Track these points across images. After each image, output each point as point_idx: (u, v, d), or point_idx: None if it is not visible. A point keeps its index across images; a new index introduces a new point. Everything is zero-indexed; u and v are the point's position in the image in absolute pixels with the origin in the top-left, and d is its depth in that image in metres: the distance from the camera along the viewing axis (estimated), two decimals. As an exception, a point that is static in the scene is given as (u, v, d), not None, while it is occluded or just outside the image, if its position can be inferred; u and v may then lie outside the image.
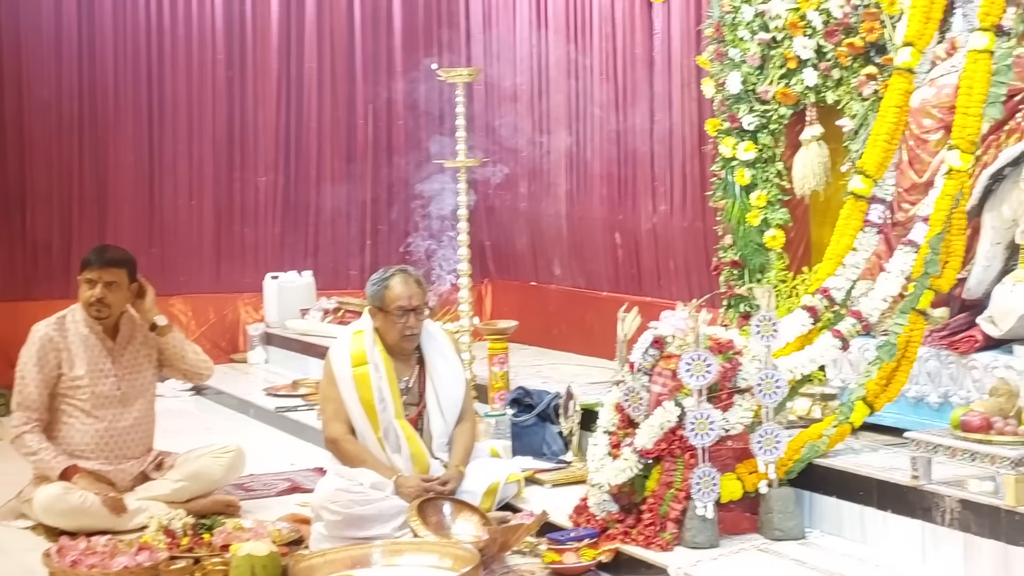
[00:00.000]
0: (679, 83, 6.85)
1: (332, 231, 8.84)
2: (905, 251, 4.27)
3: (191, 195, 8.50)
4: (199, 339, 8.43)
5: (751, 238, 5.89)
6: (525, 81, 8.35)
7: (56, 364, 4.78)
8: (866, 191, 4.47)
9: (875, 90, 5.05)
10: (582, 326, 7.67)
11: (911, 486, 3.75)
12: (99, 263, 4.81)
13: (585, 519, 4.20)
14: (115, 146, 8.26)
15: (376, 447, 4.52)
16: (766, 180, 5.83)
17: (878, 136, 4.47)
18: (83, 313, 4.84)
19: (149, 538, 4.27)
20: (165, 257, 8.42)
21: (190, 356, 4.99)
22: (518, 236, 8.58)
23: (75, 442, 4.78)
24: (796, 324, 4.38)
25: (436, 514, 4.29)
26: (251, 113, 8.63)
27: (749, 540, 4.02)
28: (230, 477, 5.04)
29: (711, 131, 6.00)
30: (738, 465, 4.11)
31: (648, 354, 4.20)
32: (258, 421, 6.98)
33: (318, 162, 8.80)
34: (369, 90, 8.85)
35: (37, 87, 8.02)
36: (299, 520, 4.65)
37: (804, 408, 4.66)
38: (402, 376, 4.62)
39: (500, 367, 5.47)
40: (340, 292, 8.54)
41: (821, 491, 4.09)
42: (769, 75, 5.71)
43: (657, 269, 7.18)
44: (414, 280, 4.61)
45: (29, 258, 8.05)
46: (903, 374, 4.20)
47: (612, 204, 7.54)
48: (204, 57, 8.49)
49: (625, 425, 4.21)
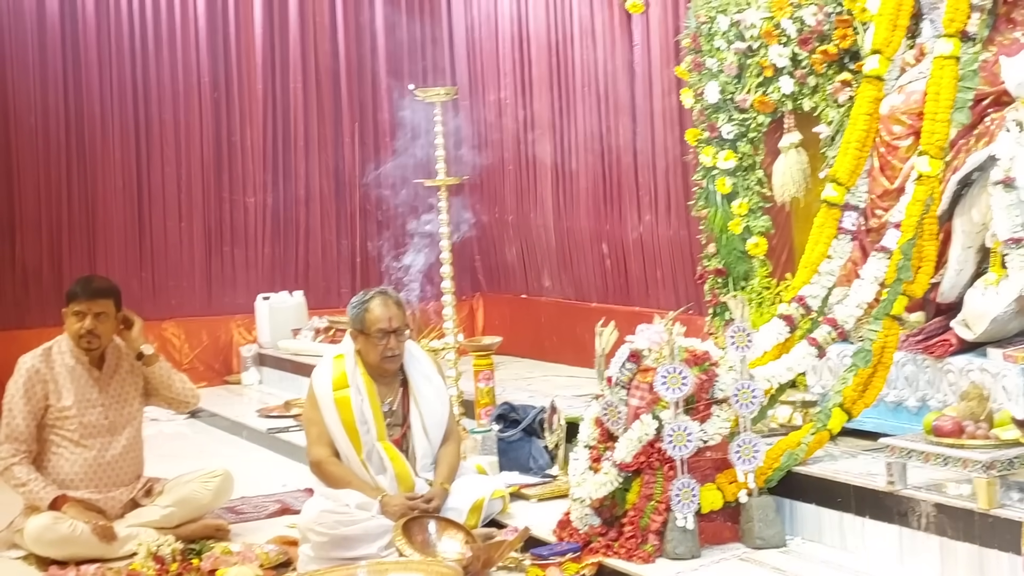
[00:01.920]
0: (660, 93, 6.90)
1: (322, 250, 8.89)
2: (878, 257, 4.30)
3: (180, 218, 8.55)
4: (192, 361, 8.50)
5: (734, 246, 5.92)
6: (509, 95, 8.39)
7: (43, 395, 4.81)
8: (839, 199, 4.50)
9: (850, 96, 5.08)
10: (573, 337, 7.70)
11: (887, 491, 3.78)
12: (87, 295, 4.84)
13: (568, 533, 4.23)
14: (103, 171, 8.31)
15: (360, 469, 4.55)
16: (747, 188, 5.87)
17: (849, 144, 4.51)
18: (69, 344, 4.88)
19: (138, 565, 4.32)
20: (156, 281, 8.47)
21: (176, 385, 5.03)
22: (507, 249, 8.62)
23: (64, 472, 4.82)
24: (773, 333, 4.40)
25: (421, 532, 4.32)
26: (238, 134, 8.68)
27: (730, 550, 4.04)
28: (219, 501, 5.07)
29: (691, 141, 6.04)
30: (718, 475, 4.14)
31: (625, 368, 4.23)
32: (251, 443, 7.01)
33: (306, 181, 8.85)
34: (355, 108, 8.91)
35: (24, 113, 8.07)
36: (287, 542, 4.68)
37: (785, 416, 4.69)
38: (385, 398, 4.65)
39: (485, 383, 5.50)
40: (331, 311, 8.58)
41: (801, 499, 4.11)
42: (746, 84, 5.75)
43: (645, 278, 7.22)
44: (394, 302, 4.64)
45: (20, 286, 8.09)
46: (880, 380, 4.23)
47: (598, 215, 7.58)
48: (189, 79, 8.55)
49: (605, 439, 4.24)
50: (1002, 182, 4.03)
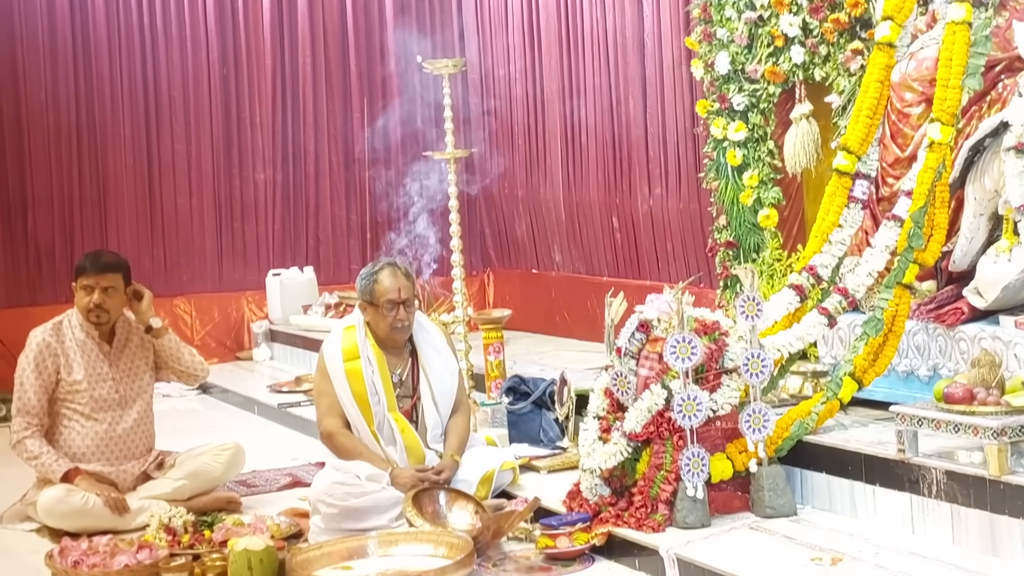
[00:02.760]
0: (670, 65, 6.86)
1: (332, 225, 8.89)
2: (889, 226, 4.27)
3: (190, 194, 8.55)
4: (204, 338, 8.52)
5: (745, 218, 5.90)
6: (519, 69, 8.36)
7: (54, 369, 4.83)
8: (850, 167, 4.47)
9: (862, 65, 5.05)
10: (583, 311, 7.69)
11: (898, 460, 3.77)
12: (95, 269, 4.85)
13: (578, 504, 4.22)
14: (113, 148, 8.31)
15: (371, 440, 4.55)
16: (758, 159, 5.84)
17: (860, 112, 4.47)
18: (79, 318, 4.89)
19: (150, 537, 4.33)
20: (167, 257, 8.49)
21: (185, 358, 5.04)
22: (517, 224, 8.60)
23: (76, 445, 4.84)
24: (783, 303, 4.38)
25: (432, 504, 4.33)
26: (247, 110, 8.67)
27: (740, 519, 4.04)
28: (230, 474, 5.09)
29: (702, 112, 6.01)
30: (728, 445, 4.13)
31: (634, 338, 4.22)
32: (262, 418, 7.03)
33: (316, 157, 8.84)
34: (364, 83, 8.88)
35: (34, 90, 8.07)
36: (298, 514, 4.69)
37: (796, 386, 4.68)
38: (395, 369, 4.65)
39: (495, 356, 5.50)
40: (341, 287, 8.59)
41: (811, 468, 4.10)
42: (757, 54, 5.71)
43: (655, 252, 7.19)
44: (403, 273, 4.63)
45: (33, 263, 8.11)
46: (891, 349, 4.21)
47: (609, 188, 7.55)
48: (198, 55, 8.53)
49: (614, 409, 4.24)
50: (1014, 148, 3.99)
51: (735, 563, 3.59)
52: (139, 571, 4.09)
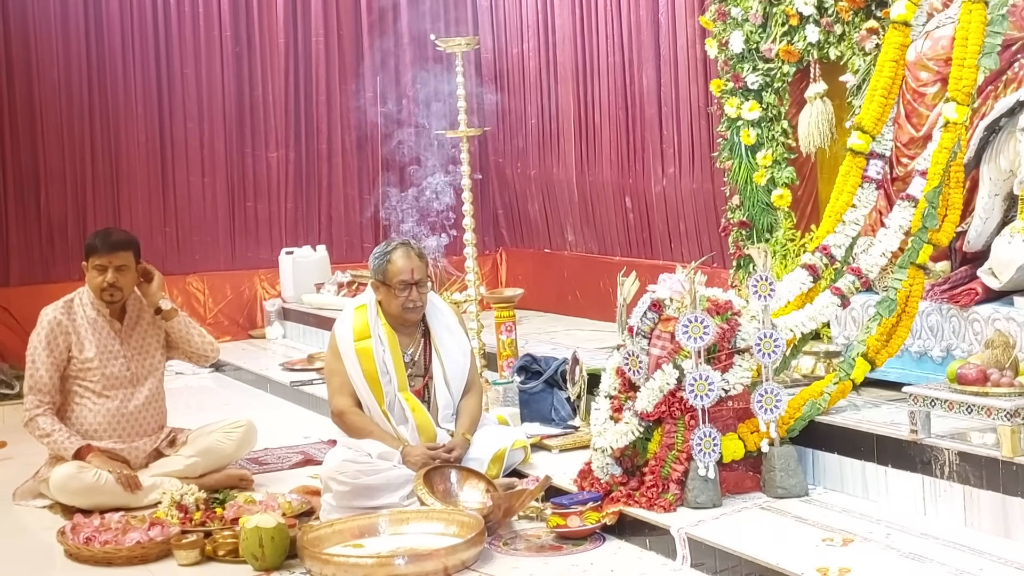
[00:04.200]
0: (684, 44, 6.82)
1: (344, 204, 8.88)
2: (903, 206, 4.25)
3: (203, 173, 8.55)
4: (216, 316, 8.54)
5: (758, 198, 5.88)
6: (532, 48, 8.32)
7: (66, 347, 4.84)
8: (864, 147, 4.44)
9: (877, 44, 5.01)
10: (596, 291, 7.68)
11: (910, 440, 3.75)
12: (107, 248, 4.85)
13: (589, 483, 4.22)
14: (126, 126, 8.31)
15: (382, 419, 4.55)
16: (772, 139, 5.82)
17: (875, 91, 4.45)
18: (90, 296, 4.90)
19: (162, 513, 4.35)
20: (180, 235, 8.50)
21: (195, 339, 5.04)
22: (530, 204, 8.59)
23: (87, 422, 4.85)
24: (796, 283, 4.37)
25: (443, 482, 4.34)
26: (260, 88, 8.65)
27: (752, 499, 4.04)
28: (241, 452, 5.11)
29: (715, 91, 5.98)
30: (739, 425, 4.12)
31: (646, 317, 4.21)
32: (275, 396, 7.05)
33: (328, 135, 8.83)
34: (376, 60, 8.85)
35: (47, 68, 8.07)
36: (310, 492, 4.70)
37: (808, 366, 4.66)
38: (406, 349, 4.64)
39: (507, 335, 5.50)
40: (354, 265, 8.59)
41: (823, 448, 4.09)
42: (772, 33, 5.68)
43: (668, 232, 7.17)
44: (416, 253, 4.62)
45: (46, 240, 8.12)
46: (904, 329, 4.20)
47: (622, 168, 7.53)
48: (211, 33, 8.51)
49: (626, 389, 4.23)
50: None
51: (746, 543, 3.58)
52: (151, 548, 4.11)
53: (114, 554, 4.08)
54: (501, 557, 3.92)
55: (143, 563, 4.08)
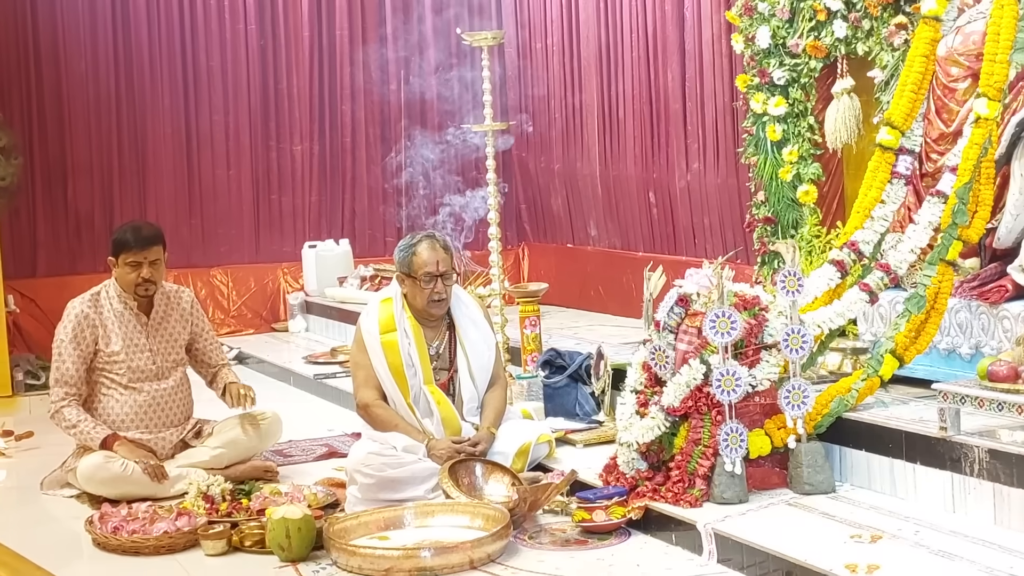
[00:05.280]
0: (710, 39, 6.80)
1: (368, 198, 8.90)
2: (933, 202, 4.22)
3: (228, 165, 8.58)
4: (240, 308, 8.58)
5: (784, 194, 5.86)
6: (556, 42, 8.31)
7: (93, 340, 4.87)
8: (893, 142, 4.42)
9: (906, 40, 4.98)
10: (619, 287, 7.67)
11: (940, 437, 3.74)
12: (140, 244, 4.86)
13: (615, 477, 4.22)
14: (152, 118, 8.35)
15: (407, 412, 4.56)
16: (798, 135, 5.79)
17: (905, 86, 4.42)
18: (117, 289, 4.92)
19: (189, 504, 4.37)
20: (205, 228, 8.53)
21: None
22: (553, 199, 8.58)
23: (114, 413, 4.88)
24: (824, 279, 4.35)
25: (468, 475, 4.34)
26: (284, 82, 8.68)
27: (778, 495, 4.02)
28: (267, 443, 5.13)
29: (741, 87, 5.96)
30: (766, 421, 4.11)
31: (673, 312, 4.20)
32: (298, 388, 7.07)
33: (352, 129, 8.84)
34: (400, 54, 8.86)
35: (74, 60, 8.11)
36: (335, 484, 4.71)
37: (835, 363, 4.65)
38: (432, 342, 4.65)
39: (532, 329, 5.49)
40: (376, 259, 8.61)
41: (851, 445, 4.08)
42: (799, 28, 5.65)
43: (692, 227, 7.16)
44: (441, 246, 4.62)
45: (73, 232, 8.17)
46: (933, 326, 4.17)
47: (646, 163, 7.51)
48: (236, 26, 8.54)
49: (652, 384, 4.22)
50: (1063, 124, 3.94)
51: (774, 539, 3.57)
52: (178, 538, 4.13)
53: (142, 543, 4.10)
54: (526, 551, 3.92)
55: (170, 553, 4.10)
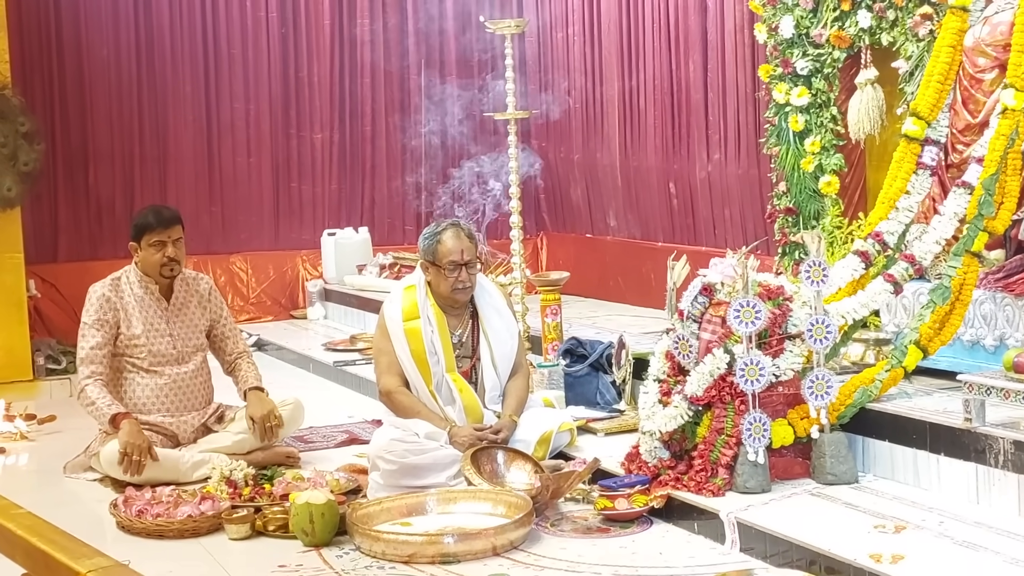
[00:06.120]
0: (732, 28, 6.79)
1: (387, 186, 8.91)
2: (959, 193, 4.21)
3: (249, 153, 8.59)
4: (259, 296, 8.60)
5: (805, 184, 5.85)
6: (577, 32, 8.30)
7: (115, 323, 4.91)
8: (919, 133, 4.41)
9: (931, 30, 4.96)
10: (638, 277, 7.67)
11: (964, 429, 3.73)
12: (162, 224, 4.92)
13: (637, 466, 4.22)
14: (174, 105, 8.36)
15: (429, 399, 4.57)
16: (820, 125, 5.78)
17: (931, 77, 4.41)
18: (137, 274, 4.96)
19: (212, 488, 4.39)
20: (225, 215, 8.55)
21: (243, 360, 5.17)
22: (572, 188, 8.57)
23: (137, 396, 4.92)
24: (848, 269, 4.34)
25: (490, 463, 4.35)
26: (305, 70, 8.68)
27: (801, 485, 4.02)
28: (289, 429, 5.15)
29: (764, 77, 5.95)
30: (789, 411, 4.11)
31: (697, 301, 4.20)
32: (317, 375, 7.09)
33: (372, 117, 8.85)
34: (421, 43, 8.86)
35: (96, 46, 8.13)
36: (356, 470, 4.73)
37: (858, 354, 4.64)
38: (455, 330, 4.65)
39: (553, 318, 5.49)
40: (396, 247, 8.63)
41: (874, 435, 4.07)
42: (823, 18, 5.64)
43: (712, 218, 7.15)
44: (466, 234, 4.62)
45: (94, 218, 8.19)
46: (957, 317, 4.16)
47: (666, 153, 7.50)
48: (258, 14, 8.55)
49: (675, 373, 4.22)
50: (1091, 116, 3.92)
51: (797, 528, 3.57)
52: (202, 522, 4.15)
53: (166, 527, 4.12)
54: (548, 538, 3.92)
55: (194, 536, 4.12)
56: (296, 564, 3.79)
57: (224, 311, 5.19)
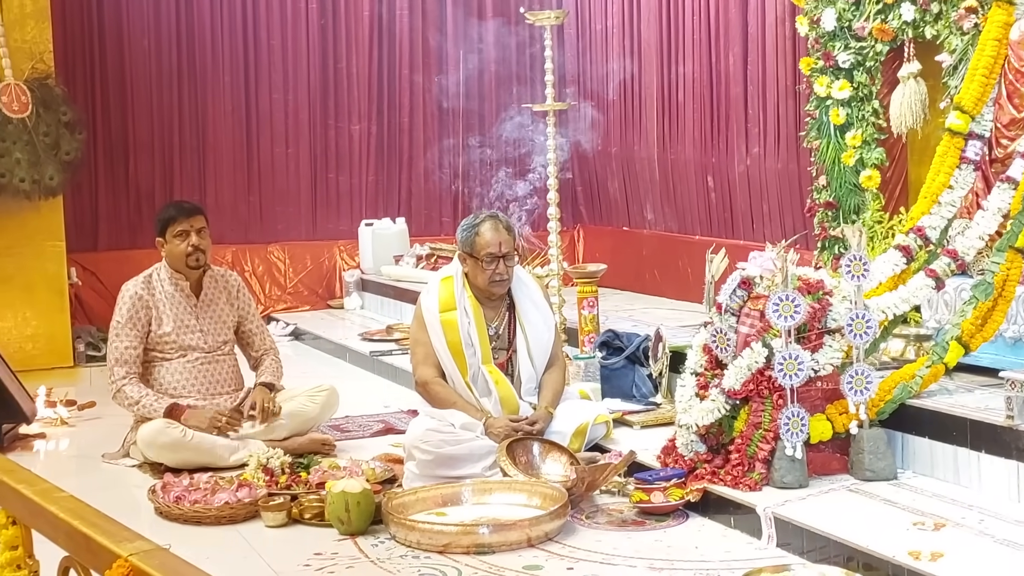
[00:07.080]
0: (773, 21, 6.74)
1: (424, 178, 8.92)
2: (1003, 188, 4.17)
3: (287, 144, 8.63)
4: (296, 285, 8.65)
5: (846, 178, 5.80)
6: (616, 24, 8.27)
7: (147, 321, 4.97)
8: (963, 127, 4.36)
9: (975, 23, 4.90)
10: (675, 270, 7.64)
11: (1006, 426, 3.69)
12: (184, 214, 5.01)
13: (673, 459, 4.21)
14: (213, 96, 8.41)
15: (465, 390, 4.58)
16: (861, 119, 5.72)
17: (976, 70, 4.36)
18: (168, 271, 5.01)
19: (249, 476, 4.42)
20: (263, 205, 8.59)
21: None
22: (610, 181, 8.55)
23: (167, 382, 4.98)
24: (889, 264, 4.31)
25: (525, 454, 4.35)
26: (344, 61, 8.70)
27: (839, 480, 3.99)
28: (325, 416, 5.17)
29: (805, 70, 5.89)
30: (828, 406, 4.08)
31: (735, 295, 4.18)
32: (354, 365, 7.11)
33: (410, 109, 8.86)
34: (460, 35, 8.86)
35: (137, 36, 8.19)
36: (392, 460, 4.74)
37: (898, 349, 4.60)
38: (491, 322, 4.66)
39: (589, 310, 5.48)
40: (433, 238, 8.63)
41: (913, 432, 4.04)
42: (865, 11, 5.58)
43: (751, 212, 7.10)
44: (504, 226, 4.62)
45: (134, 207, 8.26)
46: (999, 314, 4.12)
47: (705, 147, 7.47)
48: (297, 5, 8.57)
49: (713, 366, 4.21)
50: None
51: (835, 524, 3.55)
52: (239, 509, 4.18)
53: (203, 513, 4.15)
54: (583, 530, 3.92)
55: (231, 523, 4.15)
56: (332, 552, 3.81)
57: (252, 307, 5.23)
